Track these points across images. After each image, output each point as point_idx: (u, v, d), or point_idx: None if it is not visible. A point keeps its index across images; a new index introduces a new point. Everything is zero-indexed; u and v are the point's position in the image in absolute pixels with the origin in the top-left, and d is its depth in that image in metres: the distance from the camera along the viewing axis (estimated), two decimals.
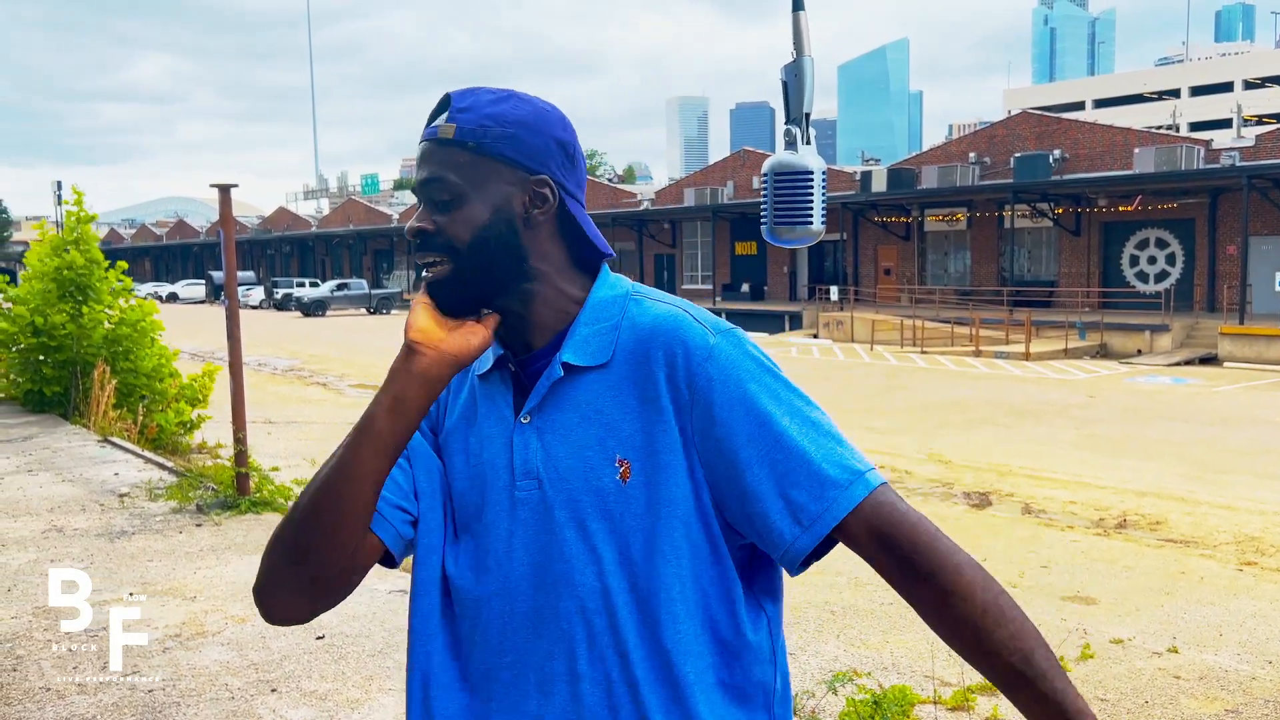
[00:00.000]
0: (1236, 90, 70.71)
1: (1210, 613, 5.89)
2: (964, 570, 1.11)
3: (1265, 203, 25.61)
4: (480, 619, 1.20)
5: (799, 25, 1.31)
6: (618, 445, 1.15)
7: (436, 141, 1.18)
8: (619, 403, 1.16)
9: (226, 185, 7.01)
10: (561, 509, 1.16)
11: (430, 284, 1.18)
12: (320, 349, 26.29)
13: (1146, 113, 67.26)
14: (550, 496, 1.16)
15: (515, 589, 1.18)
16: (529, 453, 1.18)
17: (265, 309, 50.05)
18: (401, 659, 4.31)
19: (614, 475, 1.15)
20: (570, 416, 1.17)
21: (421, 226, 1.17)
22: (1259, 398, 16.67)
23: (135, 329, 10.59)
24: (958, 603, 1.10)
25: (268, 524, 6.54)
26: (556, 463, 1.16)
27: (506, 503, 1.18)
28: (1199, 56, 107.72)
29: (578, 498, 1.15)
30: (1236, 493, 9.23)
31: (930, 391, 17.08)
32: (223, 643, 4.49)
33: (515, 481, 1.18)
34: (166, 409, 10.32)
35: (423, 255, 1.18)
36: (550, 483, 1.16)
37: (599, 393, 1.17)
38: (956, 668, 4.80)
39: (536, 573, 1.17)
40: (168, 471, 8.04)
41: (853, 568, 6.52)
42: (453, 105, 1.19)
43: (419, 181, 1.19)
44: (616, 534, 1.15)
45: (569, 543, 1.16)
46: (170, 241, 79.18)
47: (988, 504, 8.80)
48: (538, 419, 1.18)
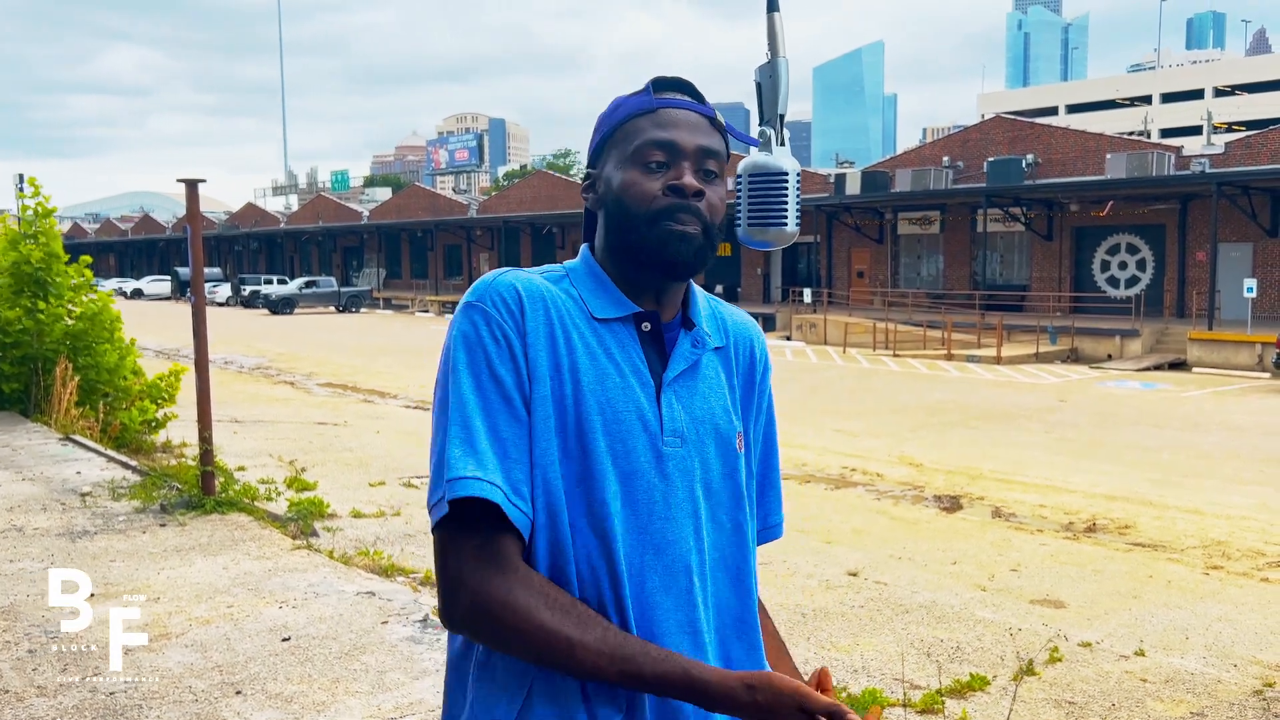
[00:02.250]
0: (1207, 97, 71.62)
1: (1177, 616, 5.96)
2: None
3: (1234, 210, 25.97)
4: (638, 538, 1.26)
5: (773, 26, 1.32)
6: (734, 418, 1.33)
7: (710, 119, 1.30)
8: (728, 382, 1.35)
9: (194, 180, 6.94)
10: (700, 468, 1.28)
11: (685, 238, 1.25)
12: (288, 347, 26.09)
13: (1118, 119, 68.04)
14: (690, 455, 1.27)
15: (663, 531, 1.25)
16: (673, 412, 1.27)
17: (232, 306, 49.62)
18: (369, 660, 4.29)
19: (735, 443, 1.32)
20: (700, 385, 1.31)
21: (702, 188, 1.26)
22: (1226, 403, 16.89)
23: (94, 323, 10.46)
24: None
25: (233, 524, 6.49)
26: (697, 425, 1.29)
27: (652, 455, 1.24)
28: (1171, 63, 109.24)
29: (710, 462, 1.29)
30: (1204, 497, 9.35)
31: (902, 394, 17.19)
32: (186, 644, 4.45)
33: (664, 436, 1.25)
34: (130, 407, 10.20)
35: (685, 214, 1.26)
36: (691, 443, 1.27)
37: (716, 370, 1.34)
38: (928, 671, 4.83)
39: (674, 526, 1.25)
40: (131, 470, 7.96)
41: (822, 570, 6.55)
42: (695, 92, 1.31)
43: (699, 147, 1.27)
44: (734, 498, 1.32)
45: (698, 501, 1.27)
46: (135, 237, 78.32)
47: (958, 507, 8.87)
48: (677, 383, 1.29)
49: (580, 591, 1.20)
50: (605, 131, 1.31)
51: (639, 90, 1.31)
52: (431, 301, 45.56)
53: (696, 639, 1.24)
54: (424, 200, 56.29)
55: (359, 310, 45.79)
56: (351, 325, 35.89)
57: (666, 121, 1.26)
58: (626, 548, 1.21)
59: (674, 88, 1.31)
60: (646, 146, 1.26)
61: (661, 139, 1.26)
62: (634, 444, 1.23)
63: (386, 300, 50.12)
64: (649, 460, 1.23)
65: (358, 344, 27.32)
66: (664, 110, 1.27)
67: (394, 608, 4.97)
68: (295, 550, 5.99)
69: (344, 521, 7.36)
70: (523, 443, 1.20)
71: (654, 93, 1.29)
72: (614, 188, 1.28)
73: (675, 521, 1.24)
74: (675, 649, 1.20)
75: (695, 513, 1.26)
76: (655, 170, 1.26)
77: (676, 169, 1.26)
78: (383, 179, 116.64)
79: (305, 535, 6.50)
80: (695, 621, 1.24)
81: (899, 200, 32.56)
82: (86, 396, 10.18)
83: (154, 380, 10.52)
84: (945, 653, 5.16)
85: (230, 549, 5.96)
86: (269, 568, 5.61)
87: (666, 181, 1.25)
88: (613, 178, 1.28)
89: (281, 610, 4.92)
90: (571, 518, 1.21)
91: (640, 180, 1.26)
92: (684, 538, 1.25)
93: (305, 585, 5.30)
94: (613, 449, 1.22)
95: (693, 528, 1.26)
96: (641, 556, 1.22)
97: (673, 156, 1.26)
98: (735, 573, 1.32)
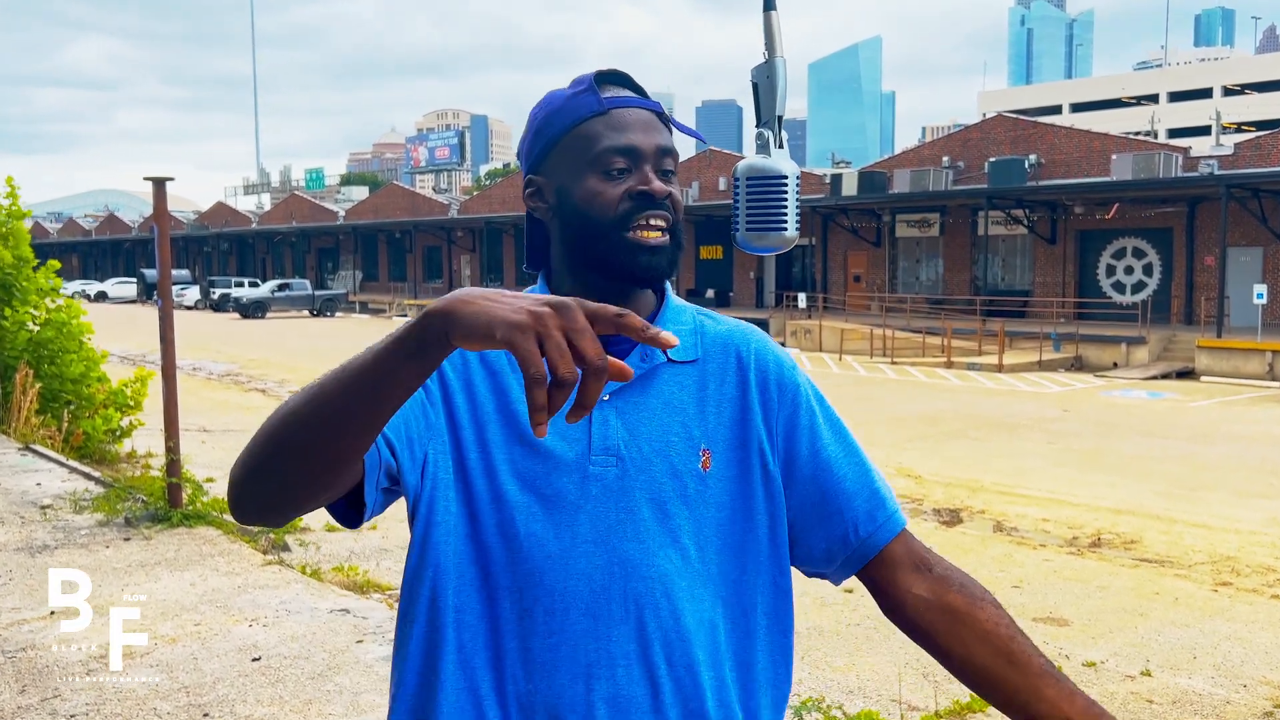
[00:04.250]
0: (1216, 97, 72.11)
1: (1185, 634, 5.98)
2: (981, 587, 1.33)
3: (1244, 213, 26.12)
4: (528, 590, 1.20)
5: (770, 25, 1.32)
6: (702, 436, 1.26)
7: (659, 115, 1.28)
8: (703, 397, 1.28)
9: (161, 178, 6.92)
10: (642, 490, 1.22)
11: (657, 249, 1.25)
12: (260, 353, 26.01)
13: (1124, 118, 68.41)
14: (630, 476, 1.22)
15: (574, 565, 1.20)
16: (608, 429, 1.23)
17: (201, 310, 49.44)
18: (343, 681, 4.27)
19: (696, 463, 1.24)
20: (653, 402, 1.25)
21: (669, 190, 1.25)
22: (1235, 413, 16.99)
23: (61, 331, 10.40)
24: (990, 609, 1.28)
25: (201, 538, 6.46)
26: (640, 444, 1.23)
27: (577, 476, 1.21)
28: (1178, 61, 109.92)
29: (660, 480, 1.23)
30: (1213, 511, 9.40)
31: (900, 404, 17.24)
32: (151, 665, 4.43)
33: (590, 456, 1.22)
34: (94, 415, 10.14)
35: (656, 219, 1.25)
36: (631, 462, 1.22)
37: (684, 385, 1.27)
38: (925, 692, 4.84)
39: (601, 550, 1.20)
40: (94, 482, 7.92)
41: (817, 588, 6.55)
42: (636, 85, 1.29)
43: (657, 147, 1.26)
44: (695, 520, 1.24)
45: (645, 523, 1.22)
46: (100, 237, 78.06)
47: (958, 521, 8.90)
48: (618, 399, 1.24)
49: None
50: (552, 135, 1.28)
51: (579, 87, 1.28)
52: (410, 305, 45.49)
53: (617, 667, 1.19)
54: (402, 200, 56.23)
55: (334, 314, 45.70)
56: (326, 330, 35.80)
57: (621, 124, 1.25)
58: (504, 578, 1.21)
59: (615, 82, 1.29)
60: (608, 153, 1.24)
61: (622, 145, 1.24)
62: (548, 468, 1.22)
63: (363, 304, 50.04)
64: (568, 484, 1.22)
65: (332, 349, 27.24)
66: (615, 111, 1.25)
67: (369, 626, 4.95)
68: (266, 566, 5.97)
69: (317, 535, 7.34)
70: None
71: (598, 89, 1.27)
72: (574, 197, 1.25)
73: (600, 544, 1.20)
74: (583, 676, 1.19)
75: (638, 535, 1.21)
76: (617, 177, 1.24)
77: (640, 174, 1.24)
78: (359, 177, 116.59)
79: (277, 550, 6.48)
80: (610, 653, 1.19)
81: (897, 202, 32.68)
82: (48, 404, 10.12)
83: (119, 387, 10.46)
84: (943, 673, 5.15)
85: (198, 564, 5.93)
86: (238, 584, 5.58)
87: (633, 188, 1.24)
88: (570, 186, 1.26)
89: (251, 629, 4.90)
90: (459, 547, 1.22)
91: (604, 188, 1.24)
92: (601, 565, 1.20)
93: (276, 602, 5.28)
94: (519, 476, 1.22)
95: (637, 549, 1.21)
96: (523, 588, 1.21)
97: (634, 161, 1.24)
98: (706, 600, 1.24)
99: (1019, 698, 1.23)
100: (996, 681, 1.25)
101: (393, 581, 6.17)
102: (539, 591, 1.19)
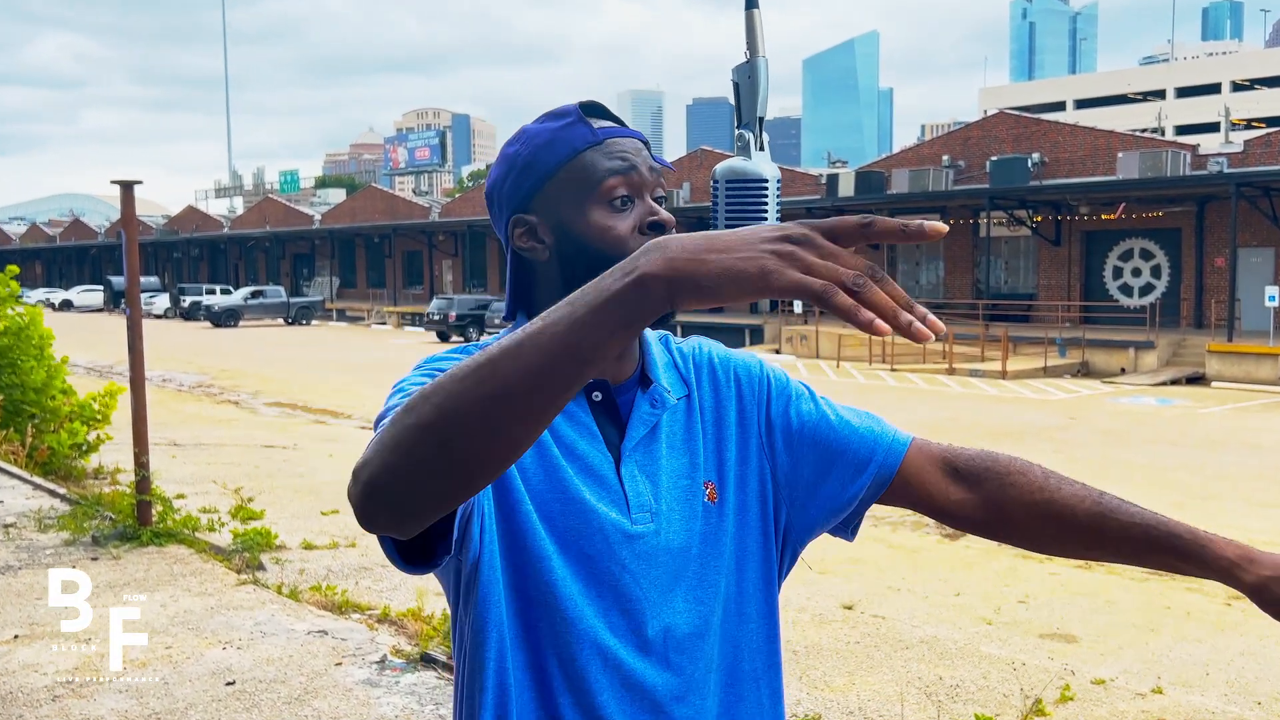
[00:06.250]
0: (1224, 92, 72.56)
1: (1197, 651, 6.00)
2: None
3: (1255, 212, 26.25)
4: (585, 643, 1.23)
5: (752, 24, 1.33)
6: (702, 470, 1.31)
7: (645, 143, 1.30)
8: (695, 429, 1.32)
9: (129, 181, 6.91)
10: (676, 538, 1.27)
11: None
12: (232, 363, 25.95)
13: (1130, 114, 68.77)
14: (664, 530, 1.26)
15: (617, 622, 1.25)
16: (638, 485, 1.26)
17: (171, 319, 49.31)
18: (321, 706, 4.26)
19: (704, 499, 1.30)
20: (659, 447, 1.30)
21: (671, 219, 1.27)
22: (1248, 420, 17.06)
23: (20, 338, 10.36)
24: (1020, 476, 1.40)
25: (172, 557, 6.44)
26: (660, 494, 1.27)
27: (618, 536, 1.24)
28: (1185, 56, 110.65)
29: (688, 527, 1.28)
30: (1225, 520, 9.43)
31: (900, 412, 17.26)
32: (120, 690, 4.41)
33: (631, 515, 1.25)
34: (59, 429, 10.11)
35: None
36: (662, 516, 1.27)
37: (678, 420, 1.32)
38: (928, 712, 4.85)
39: (649, 607, 1.25)
40: (60, 499, 7.89)
41: (815, 603, 6.56)
42: (614, 116, 1.30)
43: (657, 175, 1.29)
44: (716, 557, 1.30)
45: (681, 574, 1.27)
46: (65, 243, 77.77)
47: (961, 535, 8.91)
48: (636, 452, 1.28)
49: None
50: (545, 170, 1.26)
51: (565, 119, 1.27)
52: (389, 313, 45.45)
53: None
54: (381, 202, 56.19)
55: (310, 322, 45.59)
56: (302, 339, 35.73)
57: (619, 152, 1.25)
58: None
59: (595, 113, 1.29)
60: (613, 185, 1.24)
61: (627, 175, 1.24)
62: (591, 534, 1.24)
63: (340, 311, 49.96)
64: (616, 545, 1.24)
65: (308, 359, 27.21)
66: (610, 140, 1.26)
67: (348, 648, 4.94)
68: (240, 585, 5.95)
69: (294, 553, 7.32)
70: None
71: (587, 120, 1.27)
72: (578, 234, 1.24)
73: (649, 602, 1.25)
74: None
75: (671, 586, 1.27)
76: (621, 208, 1.24)
77: (644, 205, 1.25)
78: (336, 179, 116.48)
79: (251, 569, 6.46)
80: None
81: (896, 202, 32.77)
82: (10, 418, 10.08)
83: (85, 400, 10.43)
84: (947, 692, 5.17)
85: (169, 584, 5.92)
86: (211, 605, 5.57)
87: (643, 220, 1.24)
88: (570, 222, 1.25)
89: (225, 651, 4.89)
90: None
91: (614, 222, 1.24)
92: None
93: (251, 624, 5.27)
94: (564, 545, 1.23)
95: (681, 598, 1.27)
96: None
97: (635, 190, 1.25)
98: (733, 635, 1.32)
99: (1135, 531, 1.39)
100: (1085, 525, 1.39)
101: (373, 601, 6.15)
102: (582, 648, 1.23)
